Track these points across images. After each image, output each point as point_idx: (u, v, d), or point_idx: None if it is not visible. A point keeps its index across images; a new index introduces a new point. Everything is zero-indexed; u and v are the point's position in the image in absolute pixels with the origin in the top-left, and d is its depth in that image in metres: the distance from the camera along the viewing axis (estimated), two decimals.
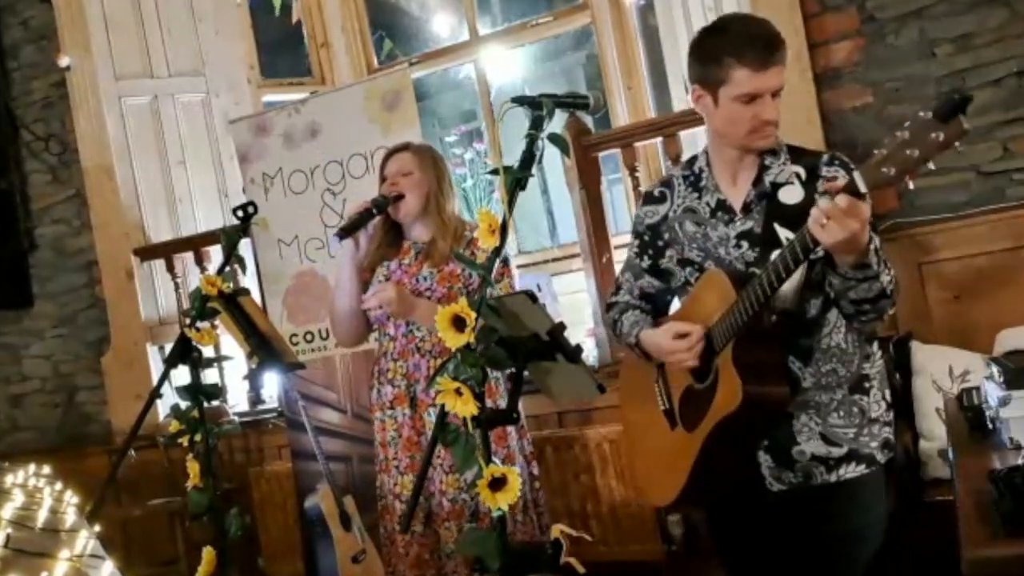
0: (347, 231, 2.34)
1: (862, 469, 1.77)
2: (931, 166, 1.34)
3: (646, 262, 1.94)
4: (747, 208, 1.79)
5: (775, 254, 1.61)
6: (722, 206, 1.82)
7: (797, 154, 1.80)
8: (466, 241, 2.42)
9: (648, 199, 1.95)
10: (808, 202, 1.63)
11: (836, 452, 1.76)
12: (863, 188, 1.40)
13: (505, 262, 2.37)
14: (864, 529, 1.79)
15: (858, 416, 1.77)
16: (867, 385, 1.79)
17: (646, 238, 1.93)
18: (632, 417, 2.03)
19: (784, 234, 1.67)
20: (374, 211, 2.38)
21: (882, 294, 1.62)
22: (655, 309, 1.97)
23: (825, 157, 1.78)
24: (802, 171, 1.74)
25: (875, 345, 1.82)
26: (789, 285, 1.64)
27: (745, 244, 1.77)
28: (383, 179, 2.47)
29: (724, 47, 1.70)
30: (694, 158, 1.90)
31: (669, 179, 1.93)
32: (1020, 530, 1.28)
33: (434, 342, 2.34)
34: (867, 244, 1.53)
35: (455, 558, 2.33)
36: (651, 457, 1.95)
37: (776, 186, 1.75)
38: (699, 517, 2.93)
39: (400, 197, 2.40)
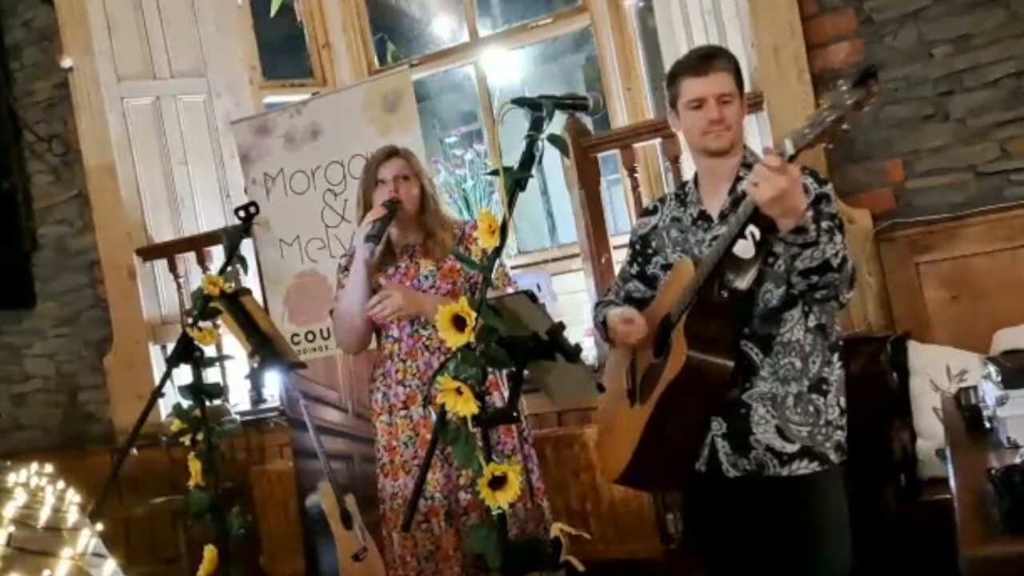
0: (377, 236, 2.34)
1: (815, 466, 1.87)
2: (845, 127, 1.57)
3: (635, 268, 2.11)
4: (723, 215, 1.95)
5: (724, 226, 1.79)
6: (703, 215, 1.99)
7: None
8: (459, 237, 2.44)
9: (644, 212, 2.17)
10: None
11: (790, 448, 1.86)
12: (791, 150, 1.60)
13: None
14: (818, 525, 1.87)
15: (814, 415, 1.88)
16: (825, 388, 1.90)
17: (637, 247, 2.11)
18: (605, 404, 2.14)
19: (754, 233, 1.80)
20: (389, 215, 2.38)
21: (826, 264, 1.72)
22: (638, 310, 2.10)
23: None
24: None
25: (836, 355, 1.93)
26: (743, 269, 1.78)
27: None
28: (377, 182, 2.45)
29: (676, 68, 1.98)
30: (686, 180, 2.10)
31: (664, 196, 2.15)
32: (1017, 529, 1.28)
33: (441, 338, 2.35)
34: (803, 209, 1.67)
35: (434, 559, 2.33)
36: (612, 436, 2.06)
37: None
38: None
39: (399, 202, 2.40)
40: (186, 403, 2.42)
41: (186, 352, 2.41)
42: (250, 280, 3.49)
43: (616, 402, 2.04)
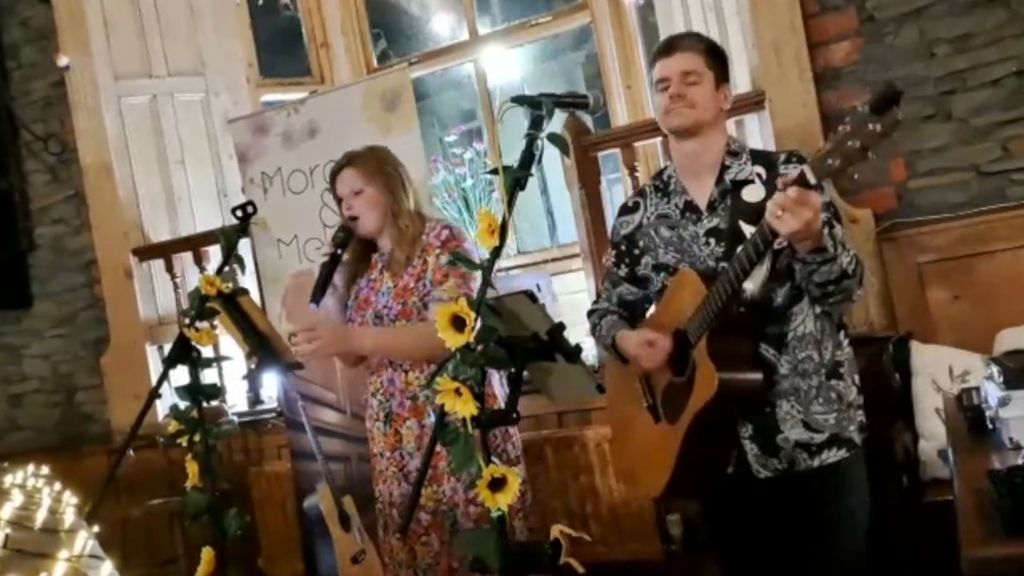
0: (321, 291, 2.28)
1: (843, 453, 1.87)
2: (871, 155, 1.46)
3: (623, 271, 2.05)
4: (712, 206, 1.91)
5: (739, 249, 1.73)
6: (689, 206, 1.94)
7: (758, 156, 1.93)
8: (420, 248, 2.31)
9: (623, 211, 2.08)
10: (769, 199, 1.71)
11: (818, 438, 1.85)
12: (812, 180, 1.54)
13: (453, 263, 2.23)
14: (848, 511, 1.88)
15: (836, 402, 1.87)
16: (841, 371, 1.89)
17: (623, 248, 2.05)
18: (617, 416, 2.11)
19: (748, 230, 1.79)
20: (339, 251, 2.33)
21: (843, 275, 1.72)
22: (632, 316, 2.08)
23: (783, 156, 1.91)
24: (763, 171, 1.88)
25: (842, 333, 1.92)
26: (756, 277, 1.74)
27: (713, 241, 1.89)
28: (339, 200, 2.40)
29: (652, 56, 1.98)
30: (663, 168, 2.04)
31: (642, 190, 2.08)
32: (1019, 530, 1.28)
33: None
34: (821, 230, 1.63)
35: (432, 571, 2.28)
36: (638, 452, 2.03)
37: (738, 184, 1.88)
38: (696, 513, 2.93)
39: (349, 231, 2.34)
40: (183, 404, 2.41)
41: (183, 353, 2.39)
42: (248, 280, 3.48)
43: (631, 410, 2.00)
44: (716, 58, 1.92)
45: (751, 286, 1.77)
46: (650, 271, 1.99)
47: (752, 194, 1.85)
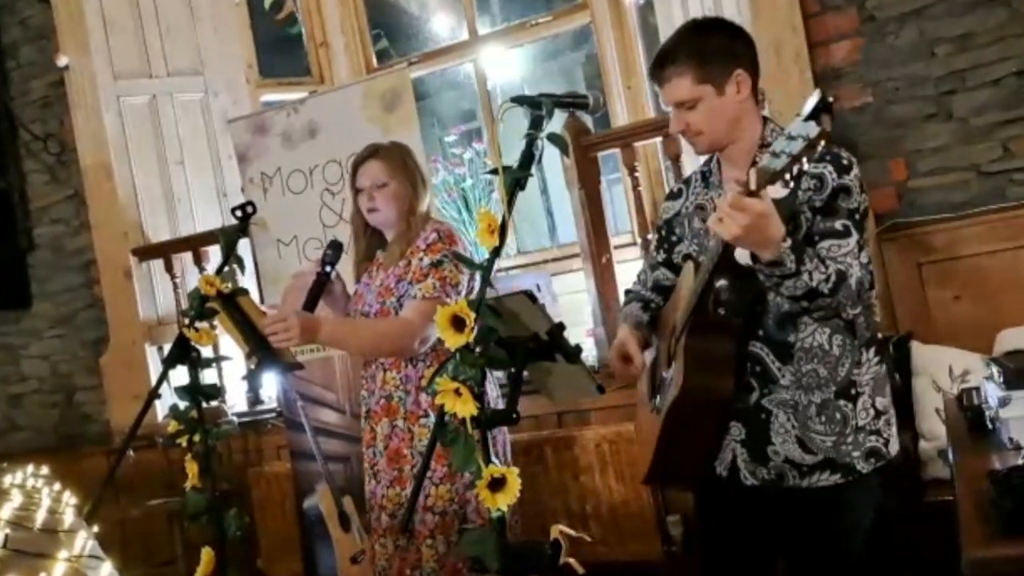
0: (311, 308, 2.27)
1: (836, 478, 1.75)
2: (805, 161, 1.44)
3: (661, 255, 2.01)
4: None
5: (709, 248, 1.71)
6: None
7: None
8: (410, 249, 2.30)
9: (669, 195, 2.04)
10: (791, 197, 1.66)
11: (810, 459, 1.76)
12: (753, 185, 1.49)
13: (436, 265, 2.25)
14: (836, 539, 1.79)
15: (839, 424, 1.75)
16: (854, 392, 1.76)
17: (663, 232, 2.01)
18: (638, 413, 2.12)
19: None
20: (328, 269, 2.33)
21: (812, 292, 1.61)
22: (666, 301, 2.02)
23: (818, 153, 1.79)
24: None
25: (872, 351, 1.79)
26: (743, 277, 1.68)
27: None
28: (357, 191, 2.37)
29: None
30: (712, 155, 1.94)
31: (689, 176, 2.02)
32: (1019, 530, 1.28)
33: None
34: (777, 240, 1.55)
35: (437, 574, 2.27)
36: (641, 436, 2.06)
37: None
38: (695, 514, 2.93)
39: (373, 211, 2.34)
40: (183, 404, 2.40)
41: (183, 353, 2.39)
42: (248, 280, 3.48)
43: (643, 405, 2.01)
44: (709, 61, 1.76)
45: (740, 295, 1.71)
46: (682, 260, 1.92)
47: (774, 192, 1.71)
